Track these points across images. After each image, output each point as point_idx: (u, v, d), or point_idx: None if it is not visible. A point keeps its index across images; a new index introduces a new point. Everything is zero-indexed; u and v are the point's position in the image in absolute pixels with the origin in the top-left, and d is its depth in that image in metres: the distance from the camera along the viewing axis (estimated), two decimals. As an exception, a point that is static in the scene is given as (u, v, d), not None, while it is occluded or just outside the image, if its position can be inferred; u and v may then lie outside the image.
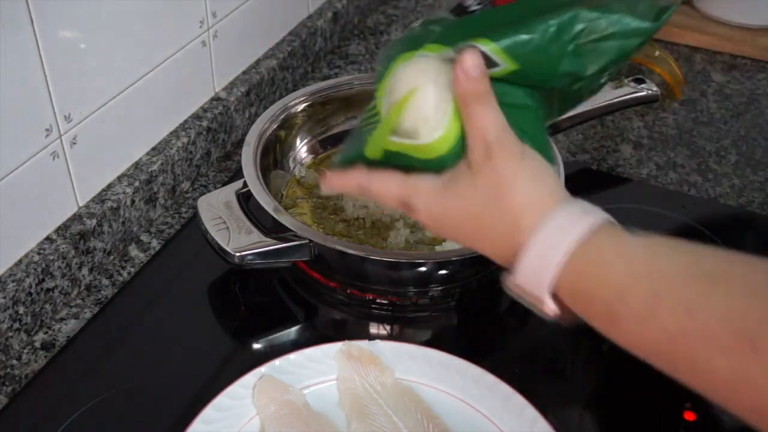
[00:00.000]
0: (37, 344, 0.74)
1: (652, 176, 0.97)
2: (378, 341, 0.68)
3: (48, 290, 0.74)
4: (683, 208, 0.91)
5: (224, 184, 0.92)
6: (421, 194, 0.55)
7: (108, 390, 0.69)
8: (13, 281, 0.71)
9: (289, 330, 0.76)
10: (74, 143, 0.77)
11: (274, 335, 0.75)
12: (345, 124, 0.94)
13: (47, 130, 0.73)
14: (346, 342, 0.68)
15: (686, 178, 0.96)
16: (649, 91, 0.97)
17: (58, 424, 0.66)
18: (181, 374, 0.71)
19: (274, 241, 0.72)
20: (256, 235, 0.72)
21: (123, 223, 0.82)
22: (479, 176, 0.52)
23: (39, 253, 0.74)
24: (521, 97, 0.54)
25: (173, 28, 0.86)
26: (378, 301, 0.78)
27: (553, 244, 0.49)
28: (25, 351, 0.73)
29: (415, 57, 0.54)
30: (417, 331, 0.78)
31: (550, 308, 0.50)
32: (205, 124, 0.93)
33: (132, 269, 0.82)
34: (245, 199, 0.77)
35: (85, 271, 0.79)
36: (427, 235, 0.81)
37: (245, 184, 0.77)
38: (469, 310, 0.79)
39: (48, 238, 0.76)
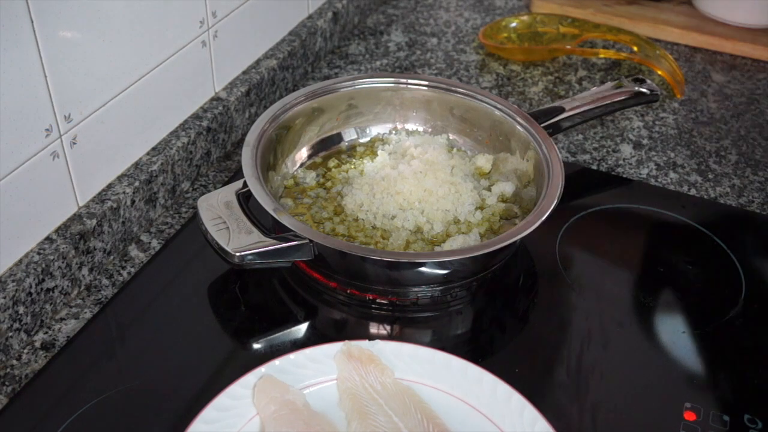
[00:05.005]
0: (37, 344, 0.74)
1: (652, 176, 0.97)
2: (378, 341, 0.68)
3: (48, 290, 0.74)
4: (683, 208, 0.91)
5: (224, 184, 0.92)
6: None
7: (108, 390, 0.69)
8: (13, 281, 0.71)
9: (289, 330, 0.76)
10: (74, 143, 0.77)
11: (274, 335, 0.75)
12: (345, 124, 0.94)
13: (47, 130, 0.73)
14: (346, 342, 0.68)
15: (686, 178, 0.96)
16: (649, 91, 0.97)
17: (58, 424, 0.66)
18: (181, 374, 0.71)
19: (274, 241, 0.72)
20: (256, 235, 0.72)
21: (123, 223, 0.83)
22: None
23: (39, 253, 0.74)
24: None
25: (173, 28, 0.86)
26: (378, 301, 0.78)
27: None
28: (25, 351, 0.73)
29: None
30: (417, 331, 0.78)
31: None
32: (205, 124, 0.93)
33: (132, 269, 0.82)
34: (245, 199, 0.77)
35: (85, 271, 0.79)
36: (427, 235, 0.81)
37: (245, 184, 0.77)
38: (470, 310, 0.79)
39: (48, 238, 0.76)
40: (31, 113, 0.71)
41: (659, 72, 1.12)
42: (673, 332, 0.77)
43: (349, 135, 0.95)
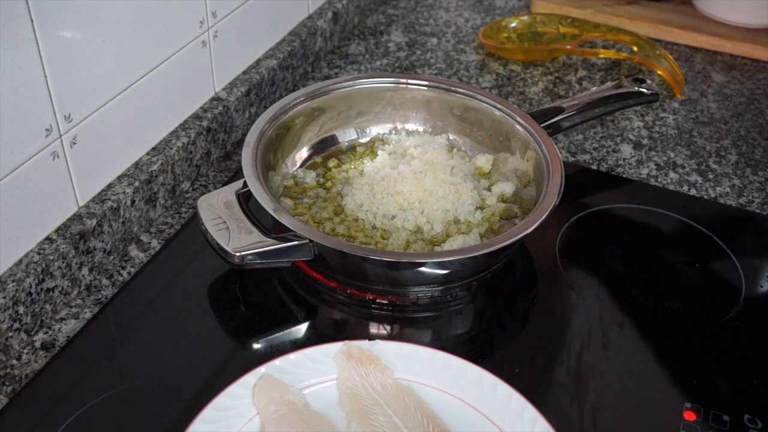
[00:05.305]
0: (37, 344, 0.74)
1: (652, 176, 0.97)
2: (378, 341, 0.68)
3: (48, 290, 0.74)
4: (683, 208, 0.91)
5: (224, 184, 0.92)
6: None
7: (108, 390, 0.69)
8: (13, 281, 0.71)
9: (289, 330, 0.76)
10: (74, 143, 0.77)
11: (274, 335, 0.75)
12: (345, 124, 0.94)
13: (47, 130, 0.73)
14: (346, 342, 0.68)
15: (686, 178, 0.96)
16: (649, 91, 0.97)
17: (58, 424, 0.66)
18: (181, 374, 0.71)
19: (274, 241, 0.72)
20: (256, 235, 0.72)
21: (123, 223, 0.83)
22: None
23: (39, 253, 0.74)
24: None
25: (173, 28, 0.86)
26: (378, 301, 0.78)
27: None
28: (25, 351, 0.73)
29: None
30: (417, 331, 0.78)
31: None
32: (205, 124, 0.93)
33: (132, 269, 0.82)
34: (245, 199, 0.77)
35: (85, 271, 0.79)
36: (427, 235, 0.81)
37: (245, 184, 0.77)
38: (470, 310, 0.79)
39: (48, 238, 0.76)
40: (31, 113, 0.71)
41: (659, 72, 1.12)
42: (673, 332, 0.77)
43: (349, 135, 0.95)
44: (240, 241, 0.72)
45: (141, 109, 0.85)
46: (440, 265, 0.74)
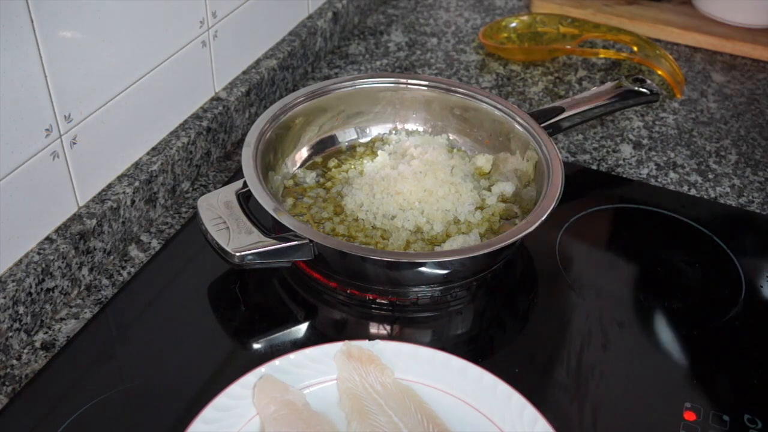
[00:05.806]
0: (37, 344, 0.74)
1: (652, 176, 0.97)
2: (378, 341, 0.68)
3: (48, 290, 0.74)
4: (683, 208, 0.91)
5: (224, 184, 0.92)
6: None
7: (108, 390, 0.69)
8: (13, 281, 0.71)
9: (289, 330, 0.76)
10: (74, 143, 0.77)
11: (274, 335, 0.75)
12: (345, 124, 0.94)
13: (47, 130, 0.73)
14: (346, 342, 0.68)
15: (686, 178, 0.96)
16: (649, 91, 0.97)
17: (58, 424, 0.66)
18: (181, 374, 0.71)
19: (274, 241, 0.72)
20: (256, 235, 0.72)
21: (123, 223, 0.83)
22: None
23: (39, 253, 0.74)
24: None
25: (173, 28, 0.86)
26: (378, 301, 0.78)
27: None
28: (25, 351, 0.73)
29: None
30: (417, 331, 0.78)
31: None
32: (205, 124, 0.93)
33: (132, 269, 0.82)
34: (245, 199, 0.77)
35: (85, 271, 0.79)
36: (427, 235, 0.81)
37: (245, 184, 0.77)
38: (470, 310, 0.79)
39: (48, 238, 0.76)
40: (31, 113, 0.71)
41: (659, 72, 1.12)
42: (673, 332, 0.77)
43: (349, 135, 0.95)
44: (240, 241, 0.72)
45: (141, 109, 0.85)
46: (440, 265, 0.74)
